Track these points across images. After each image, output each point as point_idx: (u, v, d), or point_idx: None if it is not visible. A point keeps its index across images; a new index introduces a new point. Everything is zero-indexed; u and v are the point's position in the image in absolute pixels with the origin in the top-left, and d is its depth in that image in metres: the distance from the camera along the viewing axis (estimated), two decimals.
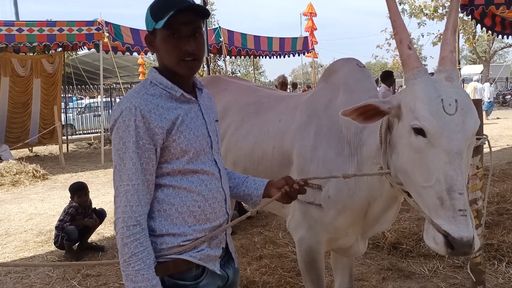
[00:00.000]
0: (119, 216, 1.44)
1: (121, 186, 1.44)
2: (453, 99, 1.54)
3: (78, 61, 16.87)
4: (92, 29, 10.49)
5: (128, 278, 1.43)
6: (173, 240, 1.51)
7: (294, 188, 1.68)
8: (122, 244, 1.43)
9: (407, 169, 1.65)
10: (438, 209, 1.50)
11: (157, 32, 1.51)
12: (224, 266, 1.67)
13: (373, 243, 4.32)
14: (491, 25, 8.81)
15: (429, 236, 1.54)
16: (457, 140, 1.50)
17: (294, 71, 59.99)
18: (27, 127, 11.93)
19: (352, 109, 1.75)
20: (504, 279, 3.54)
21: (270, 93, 3.06)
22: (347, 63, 2.43)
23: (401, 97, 1.70)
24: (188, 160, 1.52)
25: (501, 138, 12.35)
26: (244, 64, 38.99)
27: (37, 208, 6.62)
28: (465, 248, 1.45)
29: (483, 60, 28.20)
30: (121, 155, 1.44)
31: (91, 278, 3.95)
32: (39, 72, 11.80)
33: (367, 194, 2.09)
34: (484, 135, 2.66)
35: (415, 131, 1.58)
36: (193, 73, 1.57)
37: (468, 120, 1.53)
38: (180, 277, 1.52)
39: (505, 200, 5.48)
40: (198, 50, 1.52)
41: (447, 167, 1.49)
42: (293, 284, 3.61)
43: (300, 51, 14.28)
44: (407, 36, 1.70)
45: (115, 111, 1.48)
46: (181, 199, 1.52)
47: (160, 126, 1.45)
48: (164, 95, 1.52)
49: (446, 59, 1.64)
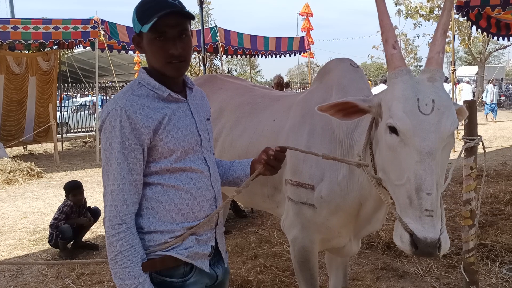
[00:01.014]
0: (106, 215, 1.47)
1: (108, 186, 1.47)
2: (430, 99, 1.53)
3: (73, 59, 16.76)
4: (88, 27, 10.44)
5: (116, 275, 1.46)
6: (161, 237, 1.52)
7: (271, 154, 1.67)
8: (108, 243, 1.46)
9: (384, 167, 1.66)
10: (407, 208, 1.50)
11: (144, 35, 1.52)
12: (214, 265, 1.67)
13: (368, 242, 4.34)
14: (486, 27, 8.85)
15: (397, 234, 1.54)
16: (430, 140, 1.49)
17: (291, 71, 60.03)
18: (22, 125, 11.87)
19: (329, 105, 1.77)
20: (497, 279, 3.56)
21: (266, 93, 3.06)
22: (341, 63, 2.44)
23: (382, 95, 1.71)
24: (176, 158, 1.53)
25: (496, 139, 12.42)
26: (240, 64, 38.94)
27: (31, 207, 6.59)
28: (429, 248, 1.44)
29: (478, 61, 28.29)
30: (107, 155, 1.46)
31: (85, 277, 3.94)
32: (35, 70, 11.74)
33: (358, 194, 2.09)
34: (478, 136, 2.68)
35: (390, 129, 1.58)
36: (180, 74, 1.58)
37: (444, 120, 1.52)
38: (168, 274, 1.53)
39: (498, 201, 5.52)
40: (184, 52, 1.53)
41: (418, 167, 1.49)
42: (288, 283, 3.62)
43: (297, 51, 14.28)
44: (393, 35, 1.70)
45: (103, 113, 1.50)
46: (169, 196, 1.53)
47: (146, 126, 1.47)
48: (151, 95, 1.54)
49: (432, 60, 1.64)
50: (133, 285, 1.44)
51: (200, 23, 9.76)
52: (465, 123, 2.72)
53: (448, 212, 5.28)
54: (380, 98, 1.71)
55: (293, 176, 2.30)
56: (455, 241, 4.29)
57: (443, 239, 1.46)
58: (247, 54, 13.91)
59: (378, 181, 1.73)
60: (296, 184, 2.28)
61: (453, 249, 4.09)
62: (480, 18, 8.57)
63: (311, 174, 2.22)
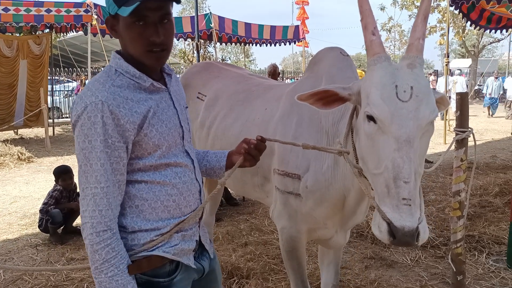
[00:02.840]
0: (87, 221, 1.33)
1: (88, 189, 1.32)
2: (409, 86, 1.51)
3: (65, 43, 16.54)
4: (81, 11, 10.32)
5: (101, 285, 1.34)
6: (146, 236, 1.43)
7: (253, 143, 1.61)
8: (92, 251, 1.33)
9: (363, 156, 1.64)
10: (385, 197, 1.47)
11: (120, 18, 1.36)
12: (199, 258, 1.61)
13: (357, 232, 4.38)
14: (476, 19, 8.89)
15: (375, 224, 1.51)
16: (408, 127, 1.47)
17: (285, 60, 59.84)
18: (12, 109, 11.74)
19: (309, 93, 1.74)
20: (484, 270, 3.62)
21: (261, 82, 3.05)
22: (331, 52, 2.42)
23: (361, 83, 1.68)
24: (161, 154, 1.43)
25: (486, 132, 12.52)
26: (234, 51, 38.78)
27: (21, 191, 6.56)
28: (406, 237, 1.41)
29: (472, 54, 28.39)
30: (86, 154, 1.31)
31: (75, 262, 3.94)
32: (26, 53, 11.58)
33: (342, 185, 2.09)
34: (470, 128, 2.70)
35: (368, 117, 1.56)
36: (161, 64, 1.45)
37: (423, 108, 1.49)
38: (153, 274, 1.44)
39: (487, 193, 5.58)
40: (166, 39, 1.39)
41: (395, 155, 1.46)
42: (278, 271, 3.65)
43: (291, 40, 14.23)
44: (372, 21, 1.67)
45: (78, 105, 1.33)
46: (154, 193, 1.43)
47: (131, 121, 1.34)
48: (132, 85, 1.40)
49: (412, 47, 1.61)
50: None
51: (194, 9, 9.68)
52: (456, 115, 2.73)
53: (437, 203, 5.34)
54: (359, 86, 1.69)
55: (280, 166, 2.30)
56: (443, 231, 4.34)
57: (421, 229, 1.43)
58: (241, 42, 13.83)
59: (360, 171, 1.71)
60: (283, 173, 2.28)
61: (441, 240, 4.14)
62: (472, 10, 8.61)
63: (298, 164, 2.22)
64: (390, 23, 25.45)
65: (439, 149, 9.43)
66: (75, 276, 3.62)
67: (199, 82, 3.23)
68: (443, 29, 19.48)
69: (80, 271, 3.72)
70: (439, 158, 1.51)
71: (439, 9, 17.85)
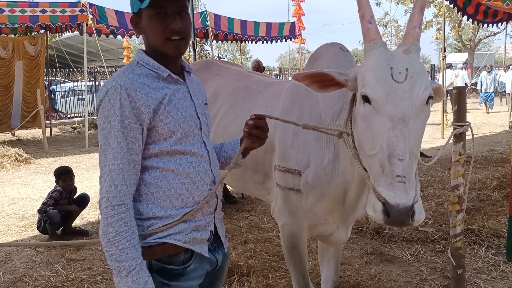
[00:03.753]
0: (104, 196, 1.42)
1: (106, 166, 1.42)
2: (404, 68, 1.54)
3: (61, 43, 16.49)
4: (76, 11, 10.28)
5: (112, 258, 1.41)
6: (160, 223, 1.50)
7: (250, 124, 1.65)
8: (106, 224, 1.40)
9: (360, 139, 1.65)
10: (380, 177, 1.48)
11: (143, 12, 1.49)
12: (214, 250, 1.65)
13: (357, 228, 4.38)
14: (473, 14, 8.89)
15: (369, 205, 1.51)
16: (403, 106, 1.49)
17: (282, 57, 59.74)
18: (9, 110, 11.70)
19: (306, 74, 1.76)
20: (484, 263, 3.63)
21: (261, 79, 3.05)
22: (331, 47, 2.43)
23: (358, 69, 1.71)
24: (176, 141, 1.51)
25: (484, 125, 12.54)
26: (231, 49, 38.69)
27: (20, 193, 6.54)
28: (401, 215, 1.40)
29: (468, 48, 28.42)
30: (106, 134, 1.42)
31: (75, 263, 3.93)
32: (21, 54, 11.53)
33: (343, 179, 2.09)
34: (467, 122, 2.70)
35: (364, 98, 1.58)
36: (180, 53, 1.55)
37: (417, 87, 1.52)
38: (168, 261, 1.50)
39: (486, 187, 5.59)
40: (185, 28, 1.51)
41: (390, 133, 1.47)
42: (278, 268, 3.65)
43: (287, 37, 14.21)
44: (369, 11, 1.71)
45: (101, 91, 1.46)
46: (168, 181, 1.50)
47: (146, 105, 1.44)
48: (151, 75, 1.51)
49: (409, 35, 1.65)
50: (131, 267, 1.40)
51: (190, 8, 9.66)
52: (454, 109, 2.74)
53: (436, 197, 5.35)
54: (356, 72, 1.71)
55: (281, 162, 2.30)
56: (442, 226, 4.35)
57: (417, 208, 1.43)
58: (237, 39, 13.81)
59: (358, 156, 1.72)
60: (283, 170, 2.28)
61: (440, 234, 4.15)
62: (468, 4, 8.60)
63: (298, 160, 2.22)
64: (386, 18, 25.46)
65: (437, 143, 9.45)
66: (75, 277, 3.62)
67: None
68: (439, 24, 19.49)
69: (80, 272, 3.72)
70: (437, 153, 1.52)
71: (435, 3, 17.84)
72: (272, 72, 27.87)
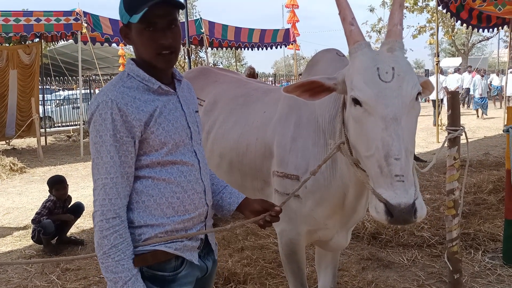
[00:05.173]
0: (98, 209, 1.43)
1: (99, 180, 1.44)
2: (390, 67, 1.55)
3: (56, 52, 16.48)
4: (70, 19, 10.28)
5: (108, 269, 1.43)
6: (151, 231, 1.51)
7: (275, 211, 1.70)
8: (101, 237, 1.42)
9: (354, 142, 1.66)
10: (379, 178, 1.49)
11: (132, 26, 1.49)
12: (204, 257, 1.67)
13: (353, 233, 4.36)
14: (467, 19, 8.97)
15: (372, 206, 1.52)
16: (393, 105, 1.50)
17: (277, 63, 59.90)
18: (3, 119, 11.68)
19: (295, 85, 1.77)
20: (480, 267, 3.62)
21: (259, 86, 3.06)
22: (327, 53, 2.45)
23: (345, 71, 1.72)
24: (167, 151, 1.52)
25: (479, 129, 12.60)
26: (226, 56, 38.76)
27: (14, 202, 6.50)
28: (404, 214, 1.41)
29: (462, 53, 28.63)
30: (98, 148, 1.43)
31: (70, 272, 3.90)
32: (16, 63, 11.53)
33: (341, 183, 2.10)
34: (461, 127, 2.70)
35: (354, 101, 1.59)
36: (170, 66, 1.56)
37: (405, 85, 1.54)
38: (159, 268, 1.52)
39: (481, 191, 5.60)
40: (174, 42, 1.51)
41: (384, 133, 1.48)
42: (275, 275, 3.64)
43: (281, 43, 14.26)
44: (350, 13, 1.73)
45: (92, 105, 1.47)
46: (159, 190, 1.51)
47: (137, 118, 1.45)
48: (142, 87, 1.51)
49: (391, 32, 1.67)
50: (127, 277, 1.42)
51: (185, 15, 9.69)
52: (448, 114, 2.74)
53: (432, 202, 5.35)
54: (343, 74, 1.72)
55: (280, 168, 2.30)
56: (439, 230, 4.35)
57: (418, 205, 1.44)
58: (232, 46, 13.84)
59: (356, 162, 1.73)
60: (282, 175, 2.28)
61: (437, 239, 4.15)
62: (462, 10, 8.68)
63: (297, 165, 2.22)
64: (380, 24, 25.60)
65: (432, 147, 9.47)
66: (71, 287, 3.59)
67: (196, 87, 3.21)
68: (432, 29, 19.60)
69: (75, 282, 3.69)
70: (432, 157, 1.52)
71: (428, 9, 17.96)
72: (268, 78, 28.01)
